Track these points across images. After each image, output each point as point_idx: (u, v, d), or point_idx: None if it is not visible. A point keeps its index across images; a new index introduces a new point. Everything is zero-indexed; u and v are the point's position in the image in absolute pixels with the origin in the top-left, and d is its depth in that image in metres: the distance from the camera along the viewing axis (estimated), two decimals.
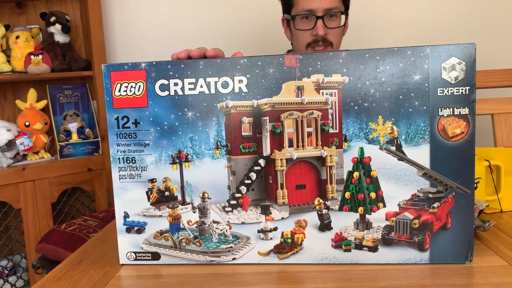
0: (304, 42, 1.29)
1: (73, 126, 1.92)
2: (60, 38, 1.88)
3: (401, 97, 0.62)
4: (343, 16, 1.30)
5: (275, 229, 0.66)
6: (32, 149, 1.79)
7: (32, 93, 1.82)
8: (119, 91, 0.66)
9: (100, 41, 1.89)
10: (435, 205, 0.63)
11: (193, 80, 0.64)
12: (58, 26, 1.84)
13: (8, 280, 1.75)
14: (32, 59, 1.76)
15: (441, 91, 0.61)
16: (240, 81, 0.64)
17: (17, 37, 1.82)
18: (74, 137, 1.90)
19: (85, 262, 0.71)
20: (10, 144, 1.69)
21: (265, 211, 0.66)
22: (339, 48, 1.34)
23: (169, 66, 0.65)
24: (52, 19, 1.84)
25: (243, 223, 0.66)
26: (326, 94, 0.63)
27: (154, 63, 0.65)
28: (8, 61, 1.83)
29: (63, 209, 1.88)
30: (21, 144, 1.72)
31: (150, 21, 2.09)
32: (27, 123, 1.78)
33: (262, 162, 0.65)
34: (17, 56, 1.81)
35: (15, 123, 1.81)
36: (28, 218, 1.69)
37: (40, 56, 1.78)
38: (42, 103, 1.84)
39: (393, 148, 0.62)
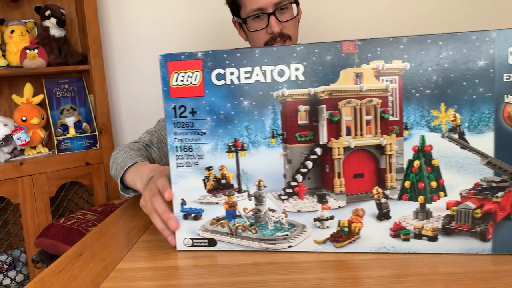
0: (261, 42, 1.23)
1: (70, 121, 1.92)
2: (55, 32, 1.86)
3: (464, 83, 0.60)
4: (294, 5, 1.24)
5: (332, 217, 0.66)
6: (30, 144, 1.80)
7: (28, 88, 1.82)
8: (176, 80, 0.67)
9: (96, 35, 1.88)
10: (499, 194, 0.61)
11: (249, 68, 0.64)
12: (53, 20, 1.83)
13: (7, 275, 1.78)
14: (27, 53, 1.76)
15: (507, 77, 0.59)
16: (297, 69, 0.63)
17: (12, 32, 1.81)
18: (71, 132, 1.90)
19: (84, 256, 0.72)
20: (7, 139, 1.70)
21: (322, 199, 0.66)
22: (298, 38, 1.28)
23: (225, 55, 0.65)
24: (47, 13, 1.83)
25: (299, 211, 0.67)
26: (386, 81, 0.61)
27: (210, 52, 0.65)
28: (4, 55, 1.82)
29: (62, 203, 1.89)
30: (18, 139, 1.73)
31: (147, 13, 2.07)
32: (23, 118, 1.79)
33: (318, 150, 0.65)
34: (13, 50, 1.80)
35: (11, 118, 1.82)
36: (26, 212, 1.71)
37: (36, 51, 1.77)
38: (39, 98, 1.84)
39: (456, 136, 0.61)
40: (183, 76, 0.66)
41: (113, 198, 1.96)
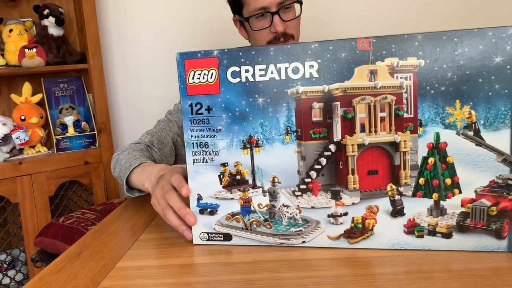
0: (263, 41, 1.22)
1: (69, 120, 1.92)
2: (54, 31, 1.86)
3: (480, 80, 0.59)
4: (297, 5, 1.23)
5: (346, 214, 0.66)
6: (28, 143, 1.80)
7: (27, 87, 1.82)
8: (193, 78, 0.68)
9: (94, 34, 1.87)
10: None
11: (263, 66, 0.65)
12: (51, 19, 1.83)
13: (7, 274, 1.78)
14: (26, 52, 1.75)
15: None
16: (311, 66, 0.64)
17: (11, 31, 1.81)
18: (70, 131, 1.90)
19: (84, 254, 0.72)
20: (6, 139, 1.70)
21: (336, 196, 0.66)
22: (299, 38, 1.27)
23: (240, 53, 0.66)
24: (46, 11, 1.83)
25: (312, 207, 0.67)
26: (401, 78, 0.61)
27: (226, 50, 0.66)
28: (2, 55, 1.82)
29: (61, 202, 1.89)
30: (17, 138, 1.73)
31: (145, 12, 2.07)
32: (22, 117, 1.79)
33: (332, 147, 0.65)
34: (11, 49, 1.80)
35: (10, 117, 1.81)
36: (26, 212, 1.71)
37: (34, 50, 1.77)
38: (38, 97, 1.84)
39: (471, 133, 0.60)
40: (199, 74, 0.68)
41: (112, 197, 1.97)
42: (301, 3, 1.24)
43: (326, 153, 0.66)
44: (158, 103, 2.06)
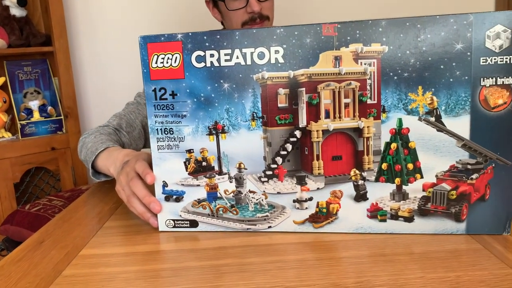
0: (238, 21, 1.22)
1: (34, 104, 1.86)
2: (16, 11, 1.80)
3: (442, 66, 0.60)
4: None
5: (311, 199, 0.67)
6: None
7: None
8: (156, 62, 0.66)
9: (59, 15, 1.81)
10: (474, 176, 0.62)
11: (229, 51, 0.64)
12: None
13: None
14: None
15: (484, 60, 0.59)
16: (277, 52, 0.63)
17: None
18: (36, 116, 1.85)
19: (46, 243, 0.70)
20: None
21: (301, 181, 0.67)
22: (273, 20, 1.28)
23: (205, 37, 0.65)
24: None
25: (278, 193, 0.68)
26: (365, 64, 0.62)
27: (190, 34, 0.65)
28: None
29: (27, 189, 1.85)
30: None
31: None
32: None
33: (298, 133, 0.66)
34: None
35: None
36: None
37: None
38: (0, 81, 1.78)
39: (432, 119, 0.61)
40: (162, 58, 0.66)
41: (81, 183, 1.93)
42: None
43: (291, 139, 0.66)
44: (127, 86, 2.02)
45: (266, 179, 0.68)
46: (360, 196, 0.65)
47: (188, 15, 2.01)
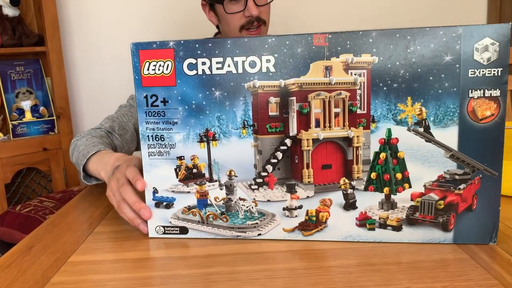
0: (236, 25, 1.22)
1: (26, 104, 1.85)
2: (8, 11, 1.78)
3: (431, 78, 0.61)
4: None
5: (300, 207, 0.67)
6: None
7: None
8: (148, 69, 0.66)
9: (53, 15, 1.80)
10: (461, 186, 0.63)
11: (220, 59, 0.64)
12: None
13: None
14: None
15: (472, 72, 0.60)
16: (268, 61, 0.64)
17: None
18: (28, 116, 1.83)
19: (36, 248, 0.70)
20: None
21: (291, 189, 0.67)
22: (269, 24, 1.29)
23: (197, 45, 0.65)
24: None
25: (268, 200, 0.68)
26: (355, 74, 0.62)
27: (182, 41, 0.65)
28: None
29: (18, 190, 1.83)
30: None
31: None
32: None
33: (288, 142, 0.66)
34: None
35: None
36: None
37: None
38: None
39: (421, 130, 0.62)
40: (154, 65, 0.66)
41: (72, 184, 1.92)
42: None
43: (282, 147, 0.66)
44: (120, 87, 2.01)
45: (256, 186, 0.68)
46: (349, 204, 0.66)
47: (182, 17, 2.01)
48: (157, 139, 0.69)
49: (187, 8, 1.97)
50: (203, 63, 0.65)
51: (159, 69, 0.66)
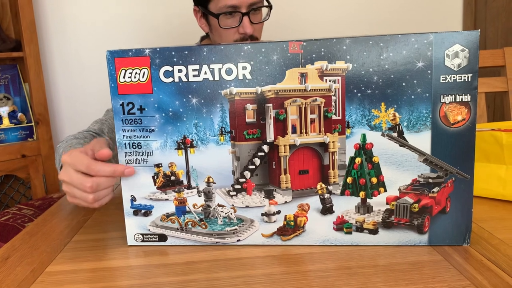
0: (230, 40, 1.22)
1: (3, 111, 1.82)
2: None
3: (404, 84, 0.62)
4: (264, 9, 1.24)
5: (278, 212, 0.68)
6: None
7: None
8: (124, 77, 0.66)
9: (30, 20, 1.78)
10: (435, 189, 0.64)
11: (197, 66, 0.65)
12: None
13: None
14: None
15: (444, 78, 0.62)
16: (244, 68, 0.64)
17: None
18: (5, 122, 1.80)
19: (12, 259, 0.69)
20: None
21: (269, 195, 0.68)
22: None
23: (173, 53, 0.65)
24: None
25: (247, 206, 0.68)
26: (330, 81, 0.63)
27: (158, 49, 0.65)
28: None
29: None
30: None
31: None
32: None
33: (265, 148, 0.66)
34: None
35: None
36: None
37: None
38: None
39: (395, 135, 0.63)
40: (130, 73, 0.66)
41: (52, 191, 1.88)
42: (271, 8, 1.24)
43: (259, 154, 0.67)
44: (99, 92, 2.00)
45: (234, 193, 0.68)
46: (326, 209, 0.66)
47: (161, 22, 2.01)
48: (134, 146, 0.68)
49: (166, 13, 1.97)
50: (180, 71, 0.65)
51: (135, 77, 0.66)
